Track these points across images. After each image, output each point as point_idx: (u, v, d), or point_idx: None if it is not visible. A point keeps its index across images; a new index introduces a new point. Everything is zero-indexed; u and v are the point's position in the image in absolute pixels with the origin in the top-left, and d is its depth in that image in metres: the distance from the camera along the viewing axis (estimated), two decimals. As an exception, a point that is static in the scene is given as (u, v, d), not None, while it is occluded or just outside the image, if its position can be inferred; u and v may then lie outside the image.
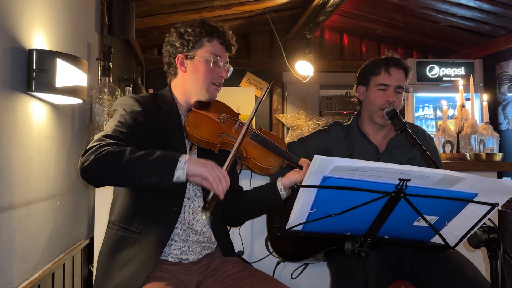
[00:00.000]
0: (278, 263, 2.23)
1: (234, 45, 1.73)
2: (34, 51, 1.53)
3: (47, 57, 1.57)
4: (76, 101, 1.81)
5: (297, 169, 1.67)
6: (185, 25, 1.67)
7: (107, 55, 2.31)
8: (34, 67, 1.53)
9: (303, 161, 1.66)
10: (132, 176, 1.37)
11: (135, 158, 1.36)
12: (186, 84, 1.69)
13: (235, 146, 1.53)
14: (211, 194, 1.38)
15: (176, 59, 1.67)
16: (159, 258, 1.51)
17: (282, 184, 1.65)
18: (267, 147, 1.69)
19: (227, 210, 1.74)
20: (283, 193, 1.65)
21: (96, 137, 1.46)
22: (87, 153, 1.38)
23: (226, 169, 1.43)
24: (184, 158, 1.38)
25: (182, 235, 1.59)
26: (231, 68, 1.74)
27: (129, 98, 1.63)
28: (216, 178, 1.36)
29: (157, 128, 1.59)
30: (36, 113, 1.62)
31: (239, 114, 1.80)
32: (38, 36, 1.62)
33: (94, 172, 1.37)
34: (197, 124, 1.63)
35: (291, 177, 1.65)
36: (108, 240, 1.57)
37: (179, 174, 1.36)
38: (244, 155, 1.65)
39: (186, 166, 1.36)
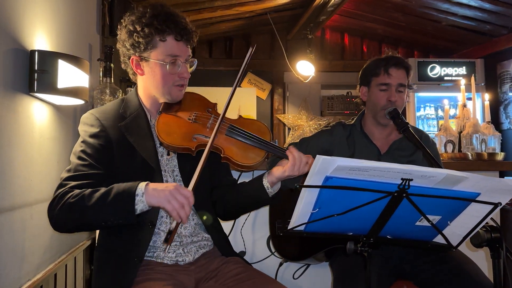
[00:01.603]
0: (280, 264, 2.23)
1: (194, 36, 1.54)
2: (36, 52, 1.54)
3: (48, 58, 1.57)
4: (78, 102, 1.81)
5: (284, 161, 1.54)
6: (134, 20, 1.50)
7: (109, 55, 2.31)
8: (36, 68, 1.53)
9: (290, 151, 1.52)
10: (96, 222, 1.38)
11: (93, 205, 1.33)
12: (148, 87, 1.57)
13: (205, 151, 1.41)
14: (174, 222, 1.32)
15: (130, 60, 1.54)
16: (136, 275, 1.45)
17: (268, 181, 1.54)
18: (246, 141, 1.54)
19: (218, 206, 1.68)
20: (271, 191, 1.55)
21: (61, 177, 1.46)
22: (51, 207, 1.39)
23: (192, 187, 1.34)
24: (140, 189, 1.33)
25: (173, 241, 1.54)
26: (195, 62, 1.57)
27: (89, 117, 1.54)
28: (177, 206, 1.29)
29: (122, 143, 1.51)
30: (38, 114, 1.63)
31: (215, 104, 1.65)
32: (40, 37, 1.62)
33: (61, 226, 1.41)
34: (167, 130, 1.51)
35: (277, 172, 1.53)
36: (96, 263, 1.56)
37: (141, 207, 1.33)
38: (222, 155, 1.53)
39: (144, 199, 1.32)
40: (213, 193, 1.69)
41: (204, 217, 1.61)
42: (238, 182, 1.77)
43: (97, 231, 1.64)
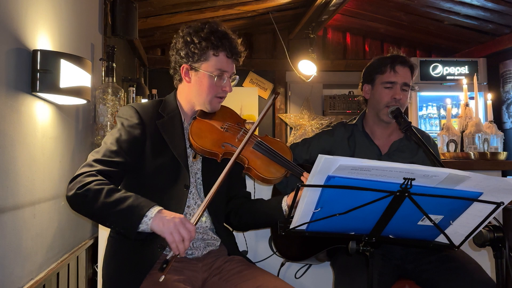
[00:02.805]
0: (282, 264, 2.23)
1: (242, 56, 1.68)
2: (38, 52, 1.54)
3: (51, 58, 1.57)
4: (80, 101, 1.81)
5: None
6: (192, 33, 1.61)
7: (111, 55, 2.32)
8: (38, 68, 1.53)
9: (306, 177, 1.61)
10: (102, 221, 1.45)
11: (106, 205, 1.37)
12: (190, 94, 1.67)
13: (232, 158, 1.52)
14: (171, 253, 1.37)
15: (181, 68, 1.64)
16: (154, 264, 1.50)
17: (287, 204, 1.62)
18: (270, 157, 1.66)
19: (233, 216, 1.74)
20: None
21: (89, 156, 1.50)
22: (74, 181, 1.42)
23: (195, 221, 1.40)
24: (151, 213, 1.37)
25: None
26: (237, 77, 1.71)
27: (128, 109, 1.62)
28: (177, 239, 1.34)
29: (157, 139, 1.59)
30: (40, 114, 1.63)
31: (245, 120, 1.79)
32: (42, 37, 1.63)
33: (73, 206, 1.45)
34: (200, 133, 1.62)
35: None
36: (110, 248, 1.60)
37: (143, 227, 1.37)
38: (246, 165, 1.63)
39: (150, 223, 1.36)
40: (230, 203, 1.76)
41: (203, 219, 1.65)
42: (256, 198, 1.83)
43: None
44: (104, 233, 2.11)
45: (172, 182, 1.58)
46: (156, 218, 1.37)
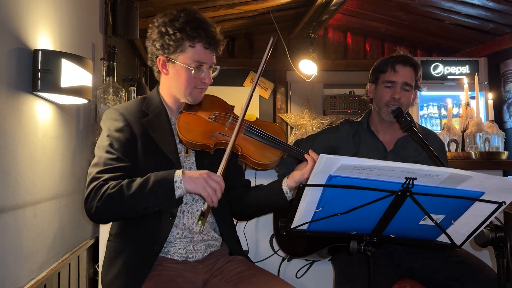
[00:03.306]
0: (283, 259, 2.23)
1: (221, 45, 1.60)
2: (39, 52, 1.54)
3: (52, 57, 1.57)
4: (81, 101, 1.81)
5: (302, 166, 1.60)
6: (166, 23, 1.54)
7: (112, 55, 2.32)
8: (39, 67, 1.53)
9: (310, 156, 1.57)
10: (138, 210, 1.44)
11: (134, 194, 1.40)
12: (170, 87, 1.63)
13: (228, 147, 1.50)
14: (206, 204, 1.42)
15: (157, 60, 1.59)
16: (153, 264, 1.50)
17: (287, 186, 1.59)
18: (264, 140, 1.62)
19: (235, 206, 1.72)
20: (289, 195, 1.60)
21: (90, 172, 1.50)
22: (89, 200, 1.44)
23: (221, 173, 1.45)
24: (178, 176, 1.42)
25: (184, 238, 1.58)
26: (218, 67, 1.64)
27: (112, 112, 1.59)
28: (210, 191, 1.40)
29: (145, 138, 1.56)
30: (41, 113, 1.63)
31: (233, 106, 1.72)
32: (43, 37, 1.63)
33: (101, 217, 1.48)
34: (187, 127, 1.58)
35: (296, 177, 1.58)
36: (108, 253, 1.59)
37: (179, 192, 1.42)
38: (240, 152, 1.60)
39: (183, 185, 1.42)
40: (230, 193, 1.73)
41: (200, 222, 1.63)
42: (256, 185, 1.81)
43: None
44: (105, 232, 2.11)
45: None
46: (186, 180, 1.41)
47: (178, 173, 1.42)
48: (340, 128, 2.09)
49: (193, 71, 1.55)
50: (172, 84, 1.62)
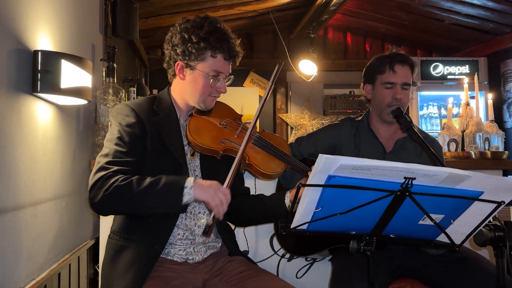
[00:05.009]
0: (282, 256, 2.23)
1: (240, 56, 1.65)
2: (39, 52, 1.54)
3: (52, 58, 1.57)
4: (81, 102, 1.81)
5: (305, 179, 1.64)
6: (190, 29, 1.56)
7: (111, 56, 2.32)
8: (39, 68, 1.53)
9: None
10: (143, 208, 1.44)
11: (142, 191, 1.40)
12: (184, 92, 1.65)
13: (237, 157, 1.52)
14: (212, 215, 1.43)
15: (175, 64, 1.61)
16: (155, 264, 1.50)
17: (290, 200, 1.62)
18: (270, 152, 1.67)
19: (233, 212, 1.73)
20: None
21: (98, 161, 1.49)
22: (95, 188, 1.42)
23: (228, 186, 1.46)
24: (189, 183, 1.43)
25: (185, 239, 1.59)
26: (231, 77, 1.68)
27: (124, 107, 1.60)
28: (218, 203, 1.41)
29: (154, 136, 1.58)
30: (41, 114, 1.63)
31: (241, 115, 1.77)
32: (43, 38, 1.63)
33: (105, 208, 1.46)
34: (198, 130, 1.61)
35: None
36: (109, 250, 1.59)
37: (187, 199, 1.42)
38: (247, 161, 1.64)
39: (192, 192, 1.42)
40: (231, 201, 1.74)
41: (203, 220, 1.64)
42: (257, 194, 1.83)
43: (112, 218, 1.66)
44: (105, 233, 2.11)
45: None
46: (196, 187, 1.42)
47: (190, 180, 1.43)
48: (342, 126, 2.09)
49: (211, 80, 1.58)
50: (186, 90, 1.63)
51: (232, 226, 1.81)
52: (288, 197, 1.62)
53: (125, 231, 1.56)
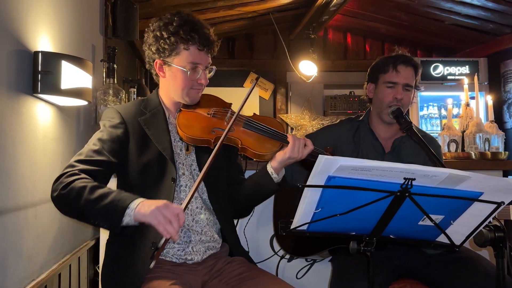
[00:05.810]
0: (281, 258, 2.23)
1: (215, 46, 1.64)
2: (40, 53, 1.54)
3: (52, 59, 1.58)
4: (81, 102, 1.81)
5: (286, 145, 1.64)
6: (161, 27, 1.58)
7: (112, 56, 2.32)
8: (40, 69, 1.54)
9: (290, 135, 1.64)
10: (88, 218, 1.42)
11: (89, 202, 1.38)
12: (168, 89, 1.67)
13: (221, 137, 1.51)
14: (163, 239, 1.36)
15: (154, 63, 1.63)
16: (149, 266, 1.48)
17: (272, 167, 1.64)
18: (262, 132, 1.66)
19: (232, 202, 1.74)
20: (275, 176, 1.64)
21: (72, 158, 1.51)
22: (56, 183, 1.43)
23: (184, 205, 1.39)
24: (134, 204, 1.37)
25: (184, 236, 1.59)
26: (213, 69, 1.67)
27: (109, 110, 1.64)
28: (163, 222, 1.31)
29: (140, 135, 1.59)
30: (41, 115, 1.63)
31: (230, 103, 1.76)
32: (43, 38, 1.63)
33: (59, 207, 1.46)
34: (188, 124, 1.61)
35: (278, 156, 1.63)
36: (109, 251, 1.60)
37: (127, 221, 1.37)
38: (240, 145, 1.63)
39: (133, 214, 1.36)
40: (229, 190, 1.76)
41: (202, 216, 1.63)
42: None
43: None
44: (105, 234, 2.11)
45: (160, 177, 1.57)
46: (139, 208, 1.36)
47: (136, 201, 1.38)
48: (342, 126, 2.09)
49: (188, 73, 1.59)
50: (169, 86, 1.66)
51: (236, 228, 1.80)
52: (269, 165, 1.65)
53: (125, 232, 1.55)
